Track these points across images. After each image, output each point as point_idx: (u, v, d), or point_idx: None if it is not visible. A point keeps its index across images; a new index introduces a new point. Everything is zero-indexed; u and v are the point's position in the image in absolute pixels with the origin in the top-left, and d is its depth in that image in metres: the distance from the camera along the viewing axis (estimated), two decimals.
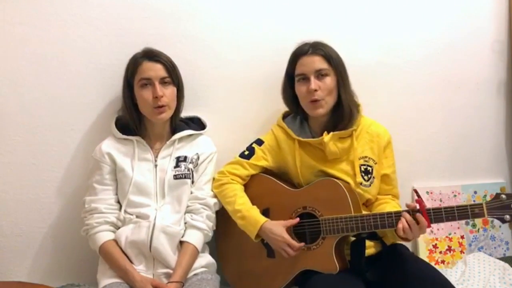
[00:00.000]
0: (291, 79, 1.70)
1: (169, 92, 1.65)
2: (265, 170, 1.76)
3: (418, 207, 1.47)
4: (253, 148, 1.75)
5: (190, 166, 1.69)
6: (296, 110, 1.74)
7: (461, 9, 2.10)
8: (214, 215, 1.71)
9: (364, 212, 1.58)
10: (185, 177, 1.67)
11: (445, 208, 1.45)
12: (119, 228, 1.63)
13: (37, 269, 1.82)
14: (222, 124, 1.93)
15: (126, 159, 1.66)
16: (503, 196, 1.41)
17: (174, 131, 1.73)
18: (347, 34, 2.00)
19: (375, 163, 1.67)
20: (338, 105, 1.65)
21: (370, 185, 1.66)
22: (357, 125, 1.66)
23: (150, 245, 1.57)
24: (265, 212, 1.68)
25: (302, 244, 1.57)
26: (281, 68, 1.72)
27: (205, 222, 1.66)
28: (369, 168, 1.66)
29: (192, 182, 1.69)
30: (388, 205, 1.66)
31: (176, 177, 1.66)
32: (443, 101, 2.12)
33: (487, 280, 1.87)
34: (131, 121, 1.68)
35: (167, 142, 1.70)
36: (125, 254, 1.59)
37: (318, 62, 1.62)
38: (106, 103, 1.84)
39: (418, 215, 1.45)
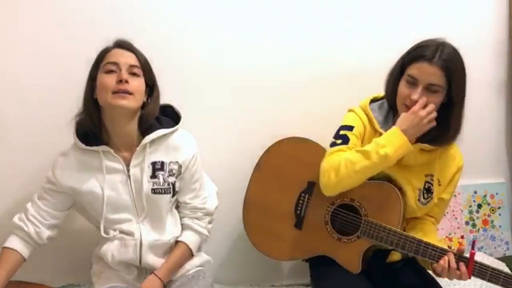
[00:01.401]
0: (403, 68, 1.52)
1: (137, 83, 1.40)
2: None
3: (468, 256, 1.42)
4: (346, 135, 1.55)
5: (171, 179, 1.49)
6: (392, 100, 1.56)
7: (461, 9, 2.10)
8: (214, 216, 1.63)
9: (410, 234, 1.51)
10: (164, 192, 1.48)
11: (492, 269, 1.41)
12: (35, 242, 1.48)
13: (37, 269, 1.81)
14: (222, 125, 1.93)
15: (91, 178, 1.45)
16: None
17: (144, 133, 1.47)
18: (346, 34, 2.00)
19: (439, 185, 1.59)
20: (441, 120, 1.48)
21: (426, 204, 1.59)
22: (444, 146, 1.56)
23: (140, 261, 1.50)
24: (310, 184, 1.64)
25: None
26: (274, 69, 1.70)
27: (206, 228, 1.58)
28: (432, 187, 1.59)
29: (173, 195, 1.52)
30: (426, 227, 1.59)
31: (154, 191, 1.47)
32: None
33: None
34: (90, 121, 1.44)
35: (137, 149, 1.45)
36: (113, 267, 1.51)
37: (435, 76, 1.43)
38: None
39: (462, 264, 1.40)
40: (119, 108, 1.39)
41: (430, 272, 1.55)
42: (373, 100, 1.63)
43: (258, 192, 1.73)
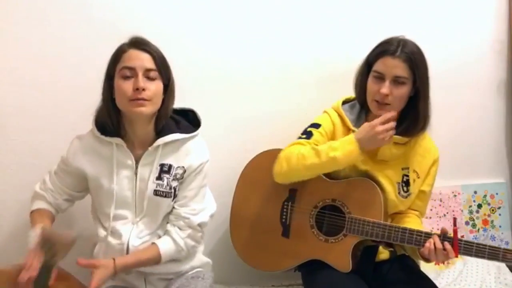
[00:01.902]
0: (369, 67, 1.59)
1: (154, 87, 1.40)
2: None
3: (451, 234, 1.44)
4: (310, 131, 1.63)
5: (174, 184, 1.48)
6: (361, 100, 1.63)
7: (461, 9, 2.10)
8: (199, 234, 1.54)
9: (393, 223, 1.56)
10: (165, 196, 1.47)
11: (477, 244, 1.43)
12: (55, 210, 1.53)
13: None
14: (219, 123, 1.93)
15: (100, 167, 1.47)
16: None
17: (159, 133, 1.48)
18: (346, 34, 2.00)
19: (418, 177, 1.63)
20: (409, 112, 1.56)
21: (407, 197, 1.62)
22: (416, 137, 1.61)
23: None
24: (291, 192, 1.66)
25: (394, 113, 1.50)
26: (283, 69, 1.71)
27: (184, 240, 1.49)
28: (411, 180, 1.62)
29: (173, 199, 1.50)
30: (412, 220, 1.62)
31: (156, 193, 1.47)
32: (443, 101, 2.11)
33: (483, 280, 1.87)
34: (109, 119, 1.45)
35: (150, 148, 1.46)
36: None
37: (400, 69, 1.50)
38: None
39: (447, 243, 1.43)
40: (137, 114, 1.42)
41: (422, 269, 1.58)
42: (345, 102, 1.69)
43: (242, 207, 1.76)
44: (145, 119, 1.45)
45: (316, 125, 1.65)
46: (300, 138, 1.63)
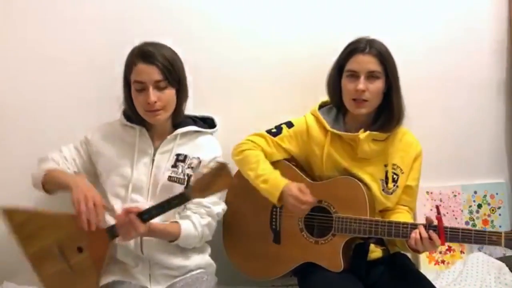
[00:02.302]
0: (341, 69, 1.64)
1: (165, 96, 1.52)
2: (287, 158, 1.72)
3: (436, 223, 1.45)
4: (281, 128, 1.70)
5: (188, 171, 1.58)
6: (337, 102, 1.68)
7: (461, 9, 2.10)
8: (215, 225, 1.62)
9: (379, 218, 1.58)
10: (179, 182, 1.56)
11: (463, 229, 1.44)
12: None
13: None
14: (222, 125, 1.93)
15: (124, 152, 1.58)
16: None
17: (177, 126, 1.62)
18: (346, 34, 2.00)
19: (402, 173, 1.65)
20: (384, 108, 1.62)
21: (392, 193, 1.64)
22: (394, 132, 1.64)
23: (141, 250, 1.53)
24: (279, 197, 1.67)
25: (315, 199, 1.54)
26: (281, 70, 1.71)
27: (202, 228, 1.56)
28: (395, 176, 1.64)
29: (186, 187, 1.56)
30: (402, 215, 1.64)
31: (170, 179, 1.56)
32: (443, 101, 2.12)
33: (483, 280, 1.87)
34: (133, 114, 1.59)
35: (168, 137, 1.59)
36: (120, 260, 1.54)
37: (372, 64, 1.57)
38: (106, 102, 1.83)
39: (431, 232, 1.44)
40: (154, 122, 1.56)
41: (422, 269, 1.60)
42: (322, 105, 1.73)
43: (233, 217, 1.76)
44: (161, 122, 1.58)
45: (290, 124, 1.71)
46: (270, 131, 1.70)
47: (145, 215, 1.38)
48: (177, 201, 1.37)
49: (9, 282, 1.79)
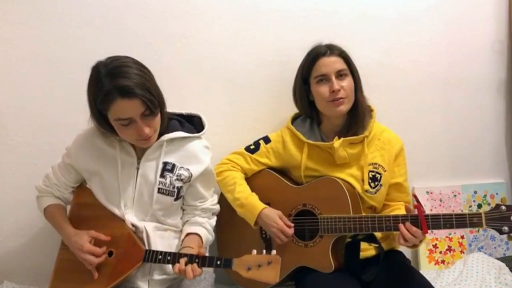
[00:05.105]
0: (306, 80, 1.68)
1: (154, 123, 1.41)
2: (268, 167, 1.76)
3: (416, 212, 1.46)
4: (259, 144, 1.76)
5: (178, 184, 1.51)
6: (309, 113, 1.72)
7: (461, 9, 2.10)
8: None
9: (363, 214, 1.59)
10: (168, 194, 1.50)
11: (443, 215, 1.44)
12: (64, 202, 1.59)
13: (38, 270, 1.82)
14: (222, 124, 1.93)
15: (105, 164, 1.49)
16: (503, 207, 1.39)
17: (163, 133, 1.49)
18: (347, 34, 2.00)
19: (385, 171, 1.66)
20: (353, 108, 1.65)
21: (376, 192, 1.65)
22: (369, 131, 1.65)
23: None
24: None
25: (292, 231, 1.59)
26: (281, 69, 1.71)
27: (213, 228, 1.62)
28: (377, 175, 1.65)
29: (177, 199, 1.53)
30: (399, 212, 1.64)
31: (159, 190, 1.49)
32: (443, 101, 2.12)
33: (483, 280, 1.87)
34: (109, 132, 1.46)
35: (154, 144, 1.48)
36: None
37: (338, 63, 1.62)
38: None
39: (412, 227, 1.44)
40: (146, 146, 1.47)
41: (422, 269, 1.59)
42: (296, 117, 1.77)
43: (225, 230, 1.78)
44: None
45: (267, 139, 1.77)
46: (248, 148, 1.76)
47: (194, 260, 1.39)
48: (220, 263, 1.37)
49: (9, 281, 1.79)
